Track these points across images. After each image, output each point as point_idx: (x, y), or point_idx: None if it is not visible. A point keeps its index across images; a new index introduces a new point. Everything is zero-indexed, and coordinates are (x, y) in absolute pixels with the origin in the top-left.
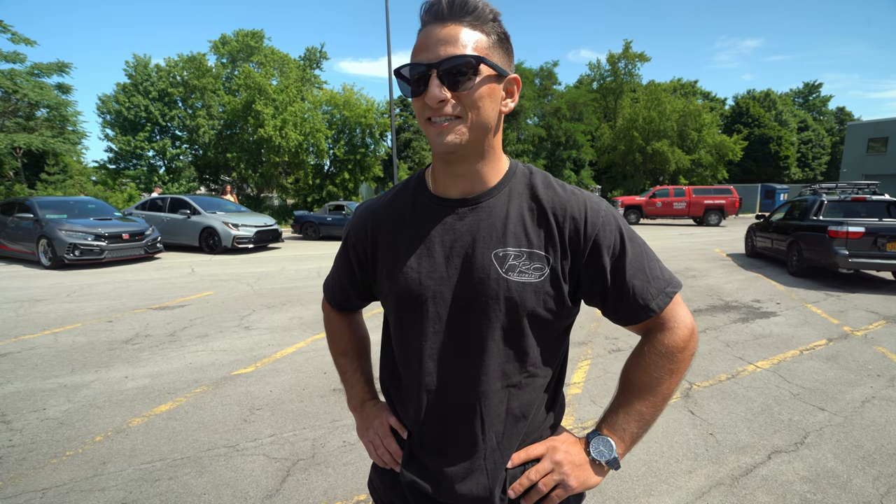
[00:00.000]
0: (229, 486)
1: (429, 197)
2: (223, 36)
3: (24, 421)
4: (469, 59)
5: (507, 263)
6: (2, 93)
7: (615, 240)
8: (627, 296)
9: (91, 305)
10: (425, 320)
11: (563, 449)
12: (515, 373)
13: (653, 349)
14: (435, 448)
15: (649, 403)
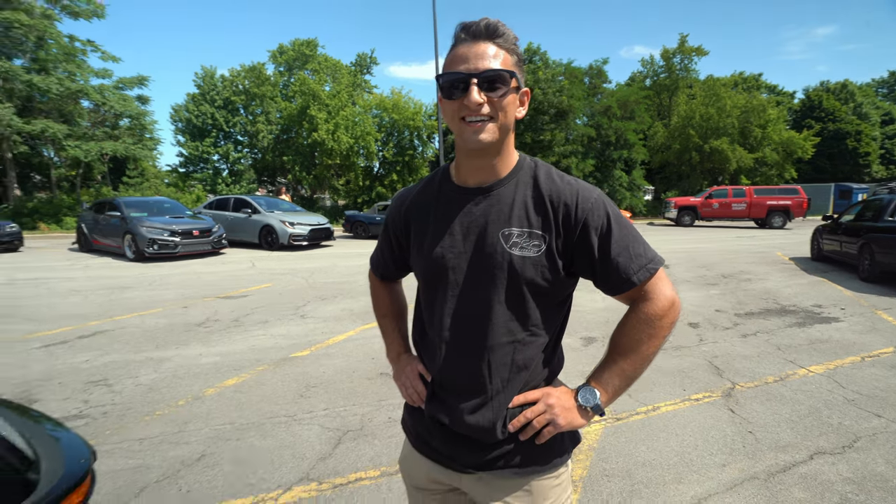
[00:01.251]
0: (288, 448)
1: (451, 187)
2: (281, 45)
3: (122, 385)
4: (504, 72)
5: (511, 241)
6: (93, 105)
7: (602, 222)
8: (612, 269)
9: (169, 293)
10: (446, 286)
11: (555, 395)
12: (519, 331)
13: (635, 316)
14: (452, 389)
15: (630, 362)
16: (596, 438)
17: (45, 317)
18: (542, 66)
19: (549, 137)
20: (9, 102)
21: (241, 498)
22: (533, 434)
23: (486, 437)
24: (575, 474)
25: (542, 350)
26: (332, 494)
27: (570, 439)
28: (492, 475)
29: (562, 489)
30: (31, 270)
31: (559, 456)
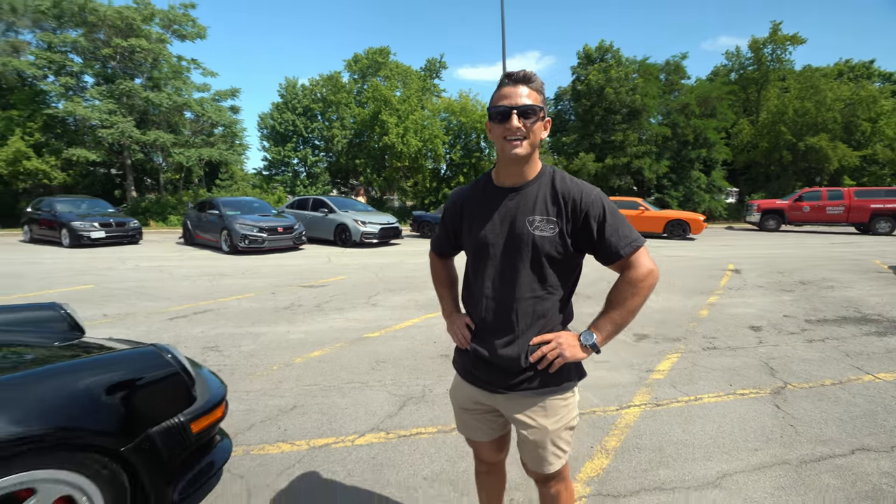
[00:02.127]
0: (362, 407)
1: (492, 187)
2: (355, 55)
3: (229, 351)
4: (535, 106)
5: (534, 225)
6: (194, 116)
7: (599, 212)
8: (606, 246)
9: (259, 281)
10: (487, 258)
11: (564, 336)
12: (539, 289)
13: (622, 280)
14: (490, 331)
15: (619, 313)
16: (633, 419)
17: (166, 296)
18: (614, 64)
19: (621, 138)
20: (130, 116)
21: (326, 437)
22: (547, 364)
23: (513, 366)
24: (608, 444)
25: (557, 304)
26: (396, 441)
27: (577, 372)
28: (517, 394)
29: (568, 409)
30: (151, 259)
31: (568, 381)
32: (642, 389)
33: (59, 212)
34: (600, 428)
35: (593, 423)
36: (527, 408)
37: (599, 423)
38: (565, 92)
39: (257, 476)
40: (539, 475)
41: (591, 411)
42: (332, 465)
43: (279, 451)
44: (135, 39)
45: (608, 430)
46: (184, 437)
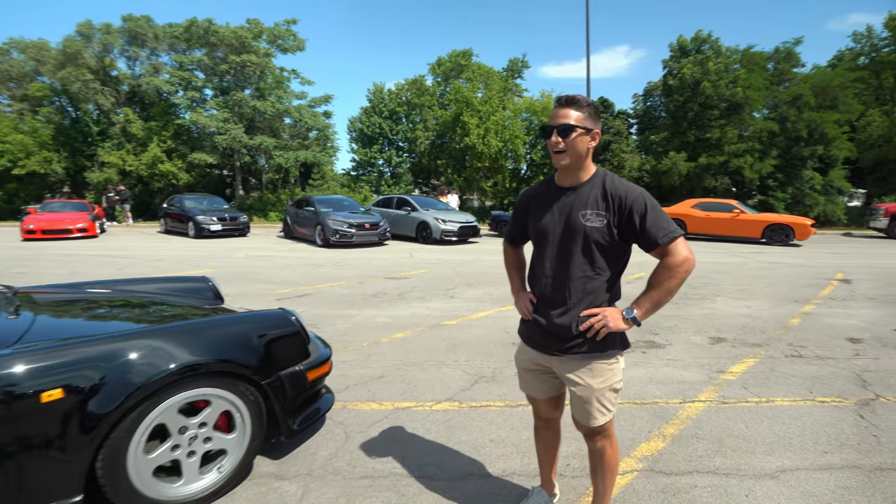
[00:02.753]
0: (439, 381)
1: (554, 187)
2: (439, 58)
3: (326, 329)
4: (575, 126)
5: (586, 217)
6: (293, 122)
7: (641, 208)
8: (647, 236)
9: (348, 272)
10: (547, 244)
11: (609, 310)
12: (588, 270)
13: (661, 265)
14: (547, 304)
15: (657, 292)
16: (696, 412)
17: (273, 281)
18: (711, 55)
19: (718, 135)
20: (240, 124)
21: (408, 401)
22: (594, 333)
23: (565, 333)
24: (666, 431)
25: (605, 283)
26: (468, 410)
27: (621, 342)
28: (569, 357)
29: (613, 372)
30: (257, 250)
31: (612, 348)
32: (710, 387)
33: (187, 207)
34: (660, 417)
35: (654, 413)
36: (576, 369)
37: (660, 413)
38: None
39: (353, 425)
40: (586, 428)
41: (653, 402)
42: (413, 423)
43: (369, 408)
44: (246, 55)
45: (668, 420)
46: (302, 381)
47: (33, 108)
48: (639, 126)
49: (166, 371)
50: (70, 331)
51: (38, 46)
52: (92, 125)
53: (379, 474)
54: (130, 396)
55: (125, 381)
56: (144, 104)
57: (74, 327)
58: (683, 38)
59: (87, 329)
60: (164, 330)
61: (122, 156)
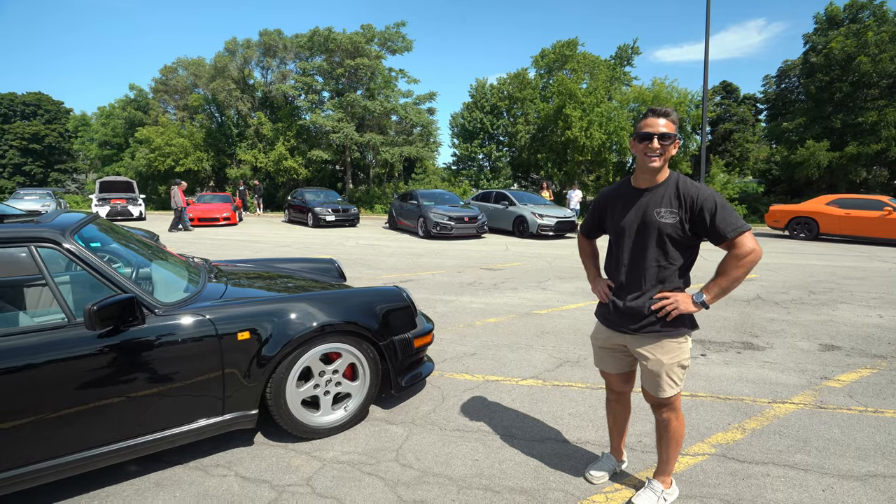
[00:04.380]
0: (526, 361)
1: (631, 188)
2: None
3: (426, 311)
4: (672, 134)
5: (660, 214)
6: (399, 119)
7: (711, 206)
8: (717, 231)
9: (448, 262)
10: (625, 238)
11: (680, 295)
12: (662, 261)
13: (729, 255)
14: (624, 289)
15: (724, 280)
16: (784, 412)
17: (380, 267)
18: (872, 23)
19: (875, 119)
20: (352, 122)
21: (497, 375)
22: (665, 314)
23: (639, 313)
24: (747, 425)
25: (676, 272)
26: (551, 388)
27: (690, 323)
28: (642, 334)
29: (681, 350)
30: (366, 239)
31: (683, 328)
32: (807, 392)
33: (307, 200)
34: (743, 412)
35: (736, 408)
36: (648, 344)
37: (744, 409)
38: (792, 67)
39: (449, 389)
40: (655, 399)
41: (737, 398)
42: (500, 394)
43: (463, 378)
44: (359, 59)
45: (751, 415)
46: (410, 347)
47: (191, 116)
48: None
49: (311, 327)
50: (250, 293)
51: (196, 63)
52: (232, 128)
53: (469, 429)
54: (290, 343)
55: (287, 332)
56: (273, 108)
57: (252, 290)
58: (835, 6)
59: (260, 292)
60: (310, 296)
61: (254, 154)
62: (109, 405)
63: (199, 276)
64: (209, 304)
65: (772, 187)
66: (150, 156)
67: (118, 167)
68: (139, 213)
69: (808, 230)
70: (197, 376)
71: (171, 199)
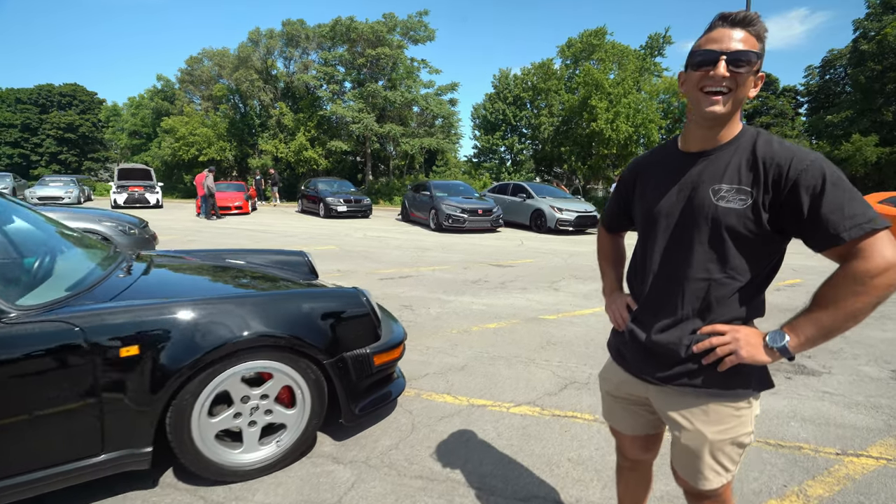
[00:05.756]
0: (524, 380)
1: (676, 153)
2: (570, 39)
3: (420, 312)
4: (750, 52)
5: (719, 195)
6: (420, 110)
7: (817, 182)
8: (821, 226)
9: (455, 256)
10: (658, 231)
11: (744, 331)
12: (716, 271)
13: (843, 271)
14: (651, 311)
15: (830, 314)
16: (860, 472)
17: (382, 260)
18: None
19: None
20: (372, 113)
21: (485, 399)
22: (715, 360)
23: (671, 354)
24: (811, 490)
25: (738, 292)
26: (550, 419)
27: (758, 379)
28: (674, 389)
29: (740, 422)
30: (375, 231)
31: (742, 388)
32: (888, 440)
33: (320, 190)
34: (804, 468)
35: (794, 461)
36: (683, 407)
37: (804, 463)
38: (838, 57)
39: (422, 416)
40: (691, 488)
41: (794, 445)
42: (485, 425)
43: (443, 400)
44: (381, 48)
45: (815, 475)
46: (367, 365)
47: (215, 106)
48: (810, 105)
49: (228, 341)
50: (161, 292)
51: (221, 54)
52: (255, 118)
53: (435, 476)
54: (198, 361)
55: (194, 346)
56: (295, 98)
57: (166, 288)
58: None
59: (176, 291)
60: (235, 299)
61: (276, 144)
62: None
63: (108, 268)
64: (87, 309)
65: None
66: (175, 145)
67: (146, 156)
68: (156, 201)
69: None
70: (59, 405)
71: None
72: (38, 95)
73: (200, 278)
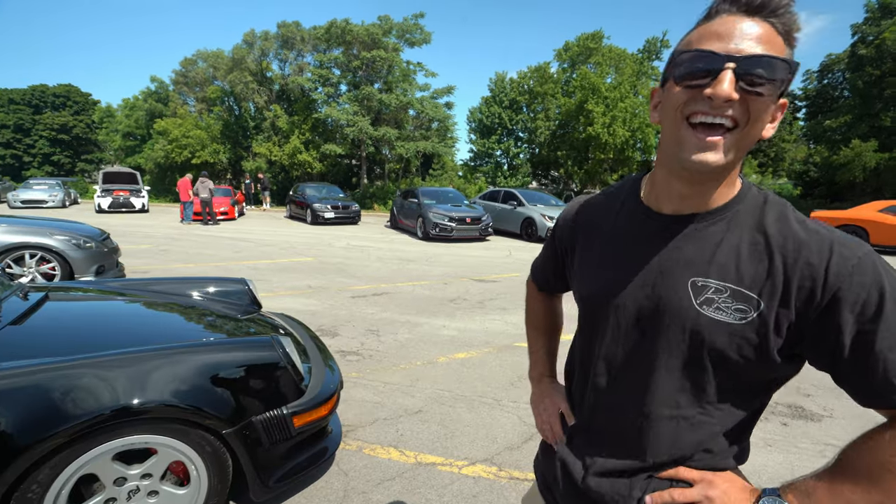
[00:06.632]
0: (485, 429)
1: (639, 207)
2: (566, 43)
3: (386, 338)
4: (779, 63)
5: (703, 296)
6: (415, 113)
7: (869, 297)
8: (873, 370)
9: (437, 270)
10: (606, 326)
11: (722, 486)
12: (689, 406)
13: (891, 435)
14: (592, 439)
15: (863, 494)
16: None
17: (358, 275)
18: None
19: None
20: (367, 116)
21: (436, 455)
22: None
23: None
24: None
25: (724, 438)
26: (506, 483)
27: None
28: None
29: None
30: (359, 240)
31: None
32: None
33: (308, 195)
34: None
35: None
36: None
37: None
38: (836, 61)
39: (358, 479)
40: None
41: None
42: (429, 491)
43: (387, 456)
44: (376, 51)
45: None
46: (285, 428)
47: (209, 108)
48: (808, 109)
49: (91, 414)
50: (18, 348)
51: (215, 55)
52: (249, 120)
53: None
54: (46, 440)
55: (44, 421)
56: (290, 101)
57: (27, 343)
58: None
59: (37, 346)
60: (97, 360)
61: (270, 147)
62: None
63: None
64: None
65: (809, 190)
66: (168, 147)
67: (140, 158)
68: (142, 206)
69: None
70: None
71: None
72: (31, 96)
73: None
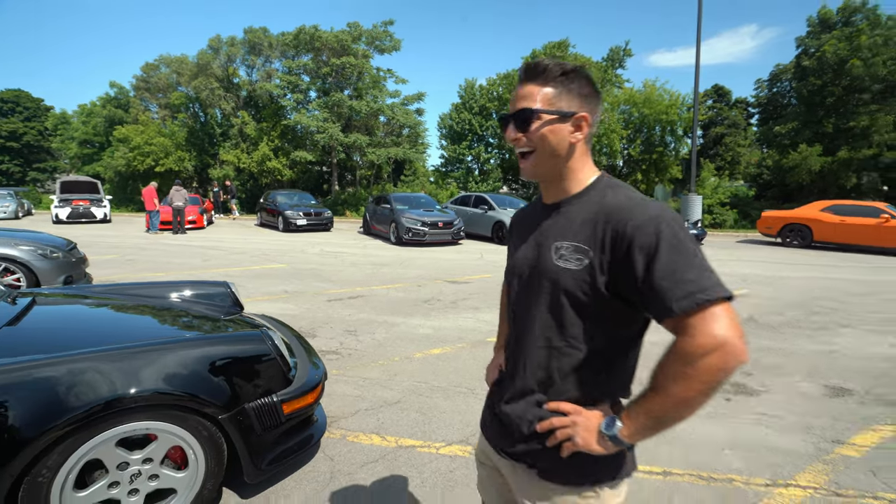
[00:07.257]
0: (460, 415)
1: (540, 203)
2: (534, 51)
3: (364, 337)
4: (527, 110)
5: (559, 253)
6: (386, 119)
7: (650, 241)
8: (654, 295)
9: (411, 273)
10: (515, 288)
11: (585, 414)
12: (556, 338)
13: (670, 350)
14: (508, 376)
15: (658, 401)
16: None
17: (333, 279)
18: (865, 27)
19: (866, 123)
20: (338, 123)
21: (415, 439)
22: (556, 444)
23: (515, 428)
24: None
25: (584, 365)
26: None
27: (606, 468)
28: (522, 469)
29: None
30: (333, 245)
31: (585, 476)
32: (816, 466)
33: (279, 203)
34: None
35: (724, 496)
36: (528, 490)
37: (734, 497)
38: (784, 71)
39: (343, 462)
40: None
41: (726, 478)
42: (410, 469)
43: (370, 442)
44: (346, 57)
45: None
46: (275, 415)
47: (173, 115)
48: (761, 116)
49: (94, 403)
50: (19, 344)
51: (179, 61)
52: (216, 127)
53: None
54: (54, 428)
55: (50, 410)
56: (258, 107)
57: (28, 339)
58: (827, 10)
59: (39, 342)
60: (98, 353)
61: (237, 154)
62: None
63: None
64: None
65: (763, 192)
66: (129, 155)
67: (98, 166)
68: (104, 216)
69: (801, 237)
70: None
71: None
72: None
73: (75, 325)
